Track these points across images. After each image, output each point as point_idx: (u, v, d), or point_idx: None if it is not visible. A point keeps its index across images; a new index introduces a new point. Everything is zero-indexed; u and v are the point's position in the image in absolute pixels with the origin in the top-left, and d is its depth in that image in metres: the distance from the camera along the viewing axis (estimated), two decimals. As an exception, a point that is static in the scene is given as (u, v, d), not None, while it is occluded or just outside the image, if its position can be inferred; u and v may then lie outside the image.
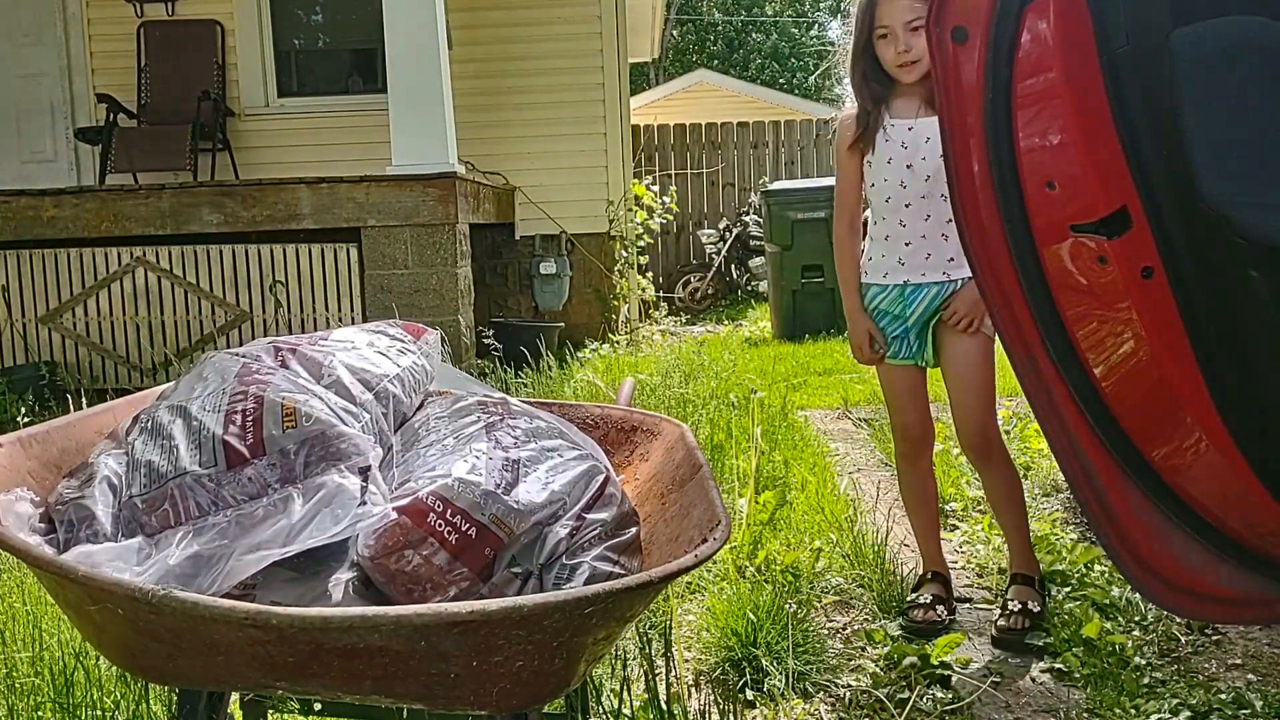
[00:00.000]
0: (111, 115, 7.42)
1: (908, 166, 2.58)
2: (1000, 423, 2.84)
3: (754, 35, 30.19)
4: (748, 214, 11.65)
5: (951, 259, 2.57)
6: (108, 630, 1.06)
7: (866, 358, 2.72)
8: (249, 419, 1.15)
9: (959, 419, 2.68)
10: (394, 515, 1.12)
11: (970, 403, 2.64)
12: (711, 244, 11.82)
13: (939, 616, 2.66)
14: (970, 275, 2.41)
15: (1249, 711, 2.21)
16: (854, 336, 2.74)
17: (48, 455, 1.35)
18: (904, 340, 2.67)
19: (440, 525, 1.13)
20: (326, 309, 6.16)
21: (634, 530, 1.28)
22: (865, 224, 2.80)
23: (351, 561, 1.15)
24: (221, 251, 6.18)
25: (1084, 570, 2.92)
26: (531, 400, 1.72)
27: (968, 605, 2.86)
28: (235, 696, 1.73)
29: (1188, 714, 2.19)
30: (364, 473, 1.10)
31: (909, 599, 2.73)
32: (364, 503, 1.07)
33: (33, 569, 1.09)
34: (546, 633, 0.95)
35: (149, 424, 1.22)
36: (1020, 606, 2.62)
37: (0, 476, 1.24)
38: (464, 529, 1.14)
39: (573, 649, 0.98)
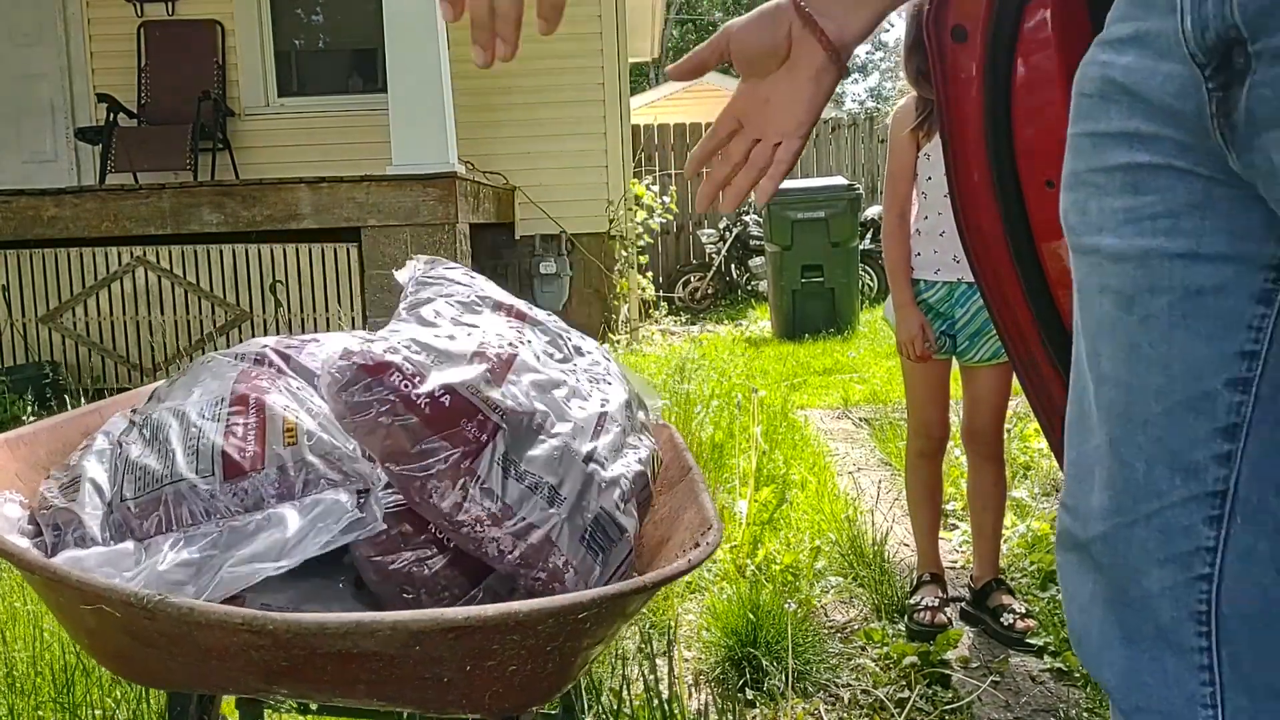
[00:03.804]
0: (111, 115, 7.42)
1: None
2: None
3: (754, 34, 30.17)
4: (748, 214, 11.64)
5: None
6: (100, 635, 1.06)
7: (917, 354, 2.64)
8: (250, 430, 1.14)
9: (984, 414, 2.67)
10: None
11: (998, 400, 2.65)
12: (711, 244, 11.82)
13: (947, 619, 2.66)
14: None
15: (1250, 711, 2.20)
16: (904, 332, 2.65)
17: (35, 457, 1.34)
18: (945, 338, 2.65)
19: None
20: (326, 309, 6.16)
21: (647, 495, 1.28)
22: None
23: (345, 562, 1.15)
24: (221, 251, 6.18)
25: (1084, 569, 2.92)
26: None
27: (966, 605, 2.86)
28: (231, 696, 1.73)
29: (1188, 714, 2.19)
30: (363, 495, 1.09)
31: (911, 602, 2.73)
32: (362, 517, 1.06)
33: (24, 573, 1.09)
34: (540, 637, 0.94)
35: (144, 426, 1.21)
36: (1023, 609, 2.63)
37: (-11, 478, 1.23)
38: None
39: (566, 653, 0.98)
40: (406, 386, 1.10)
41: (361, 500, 1.08)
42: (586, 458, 1.16)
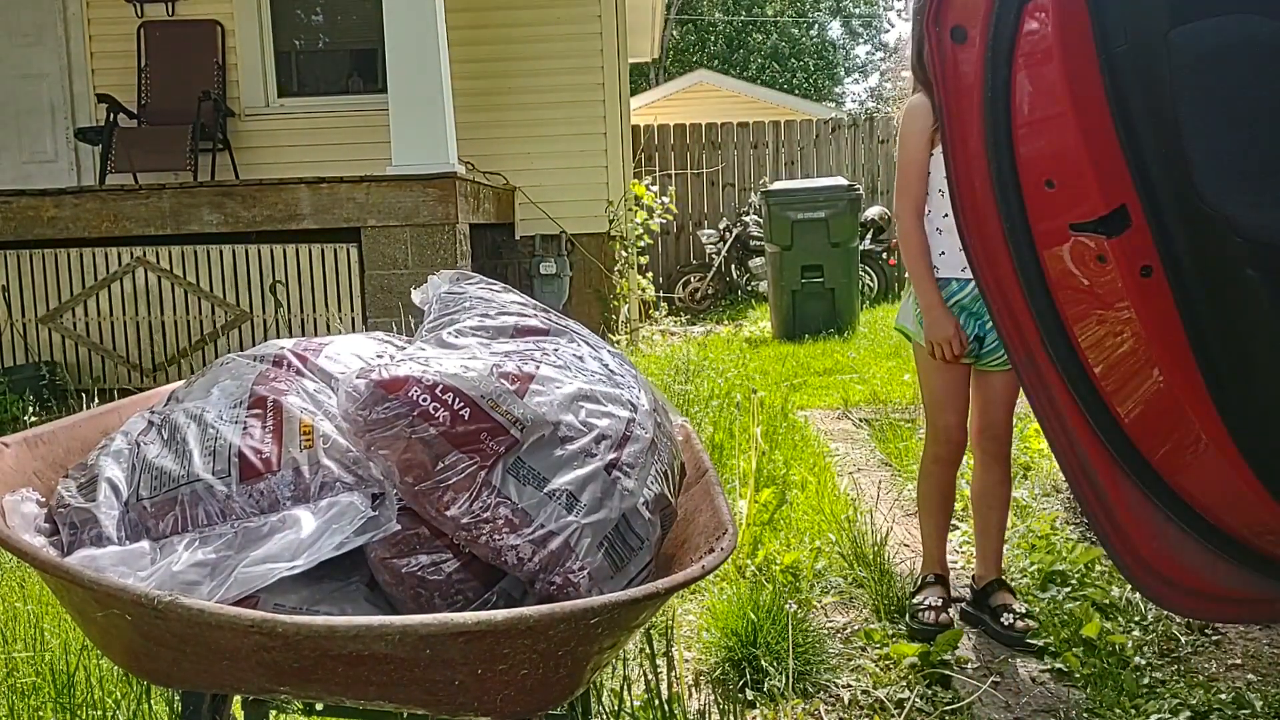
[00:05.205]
0: (111, 115, 7.42)
1: None
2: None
3: (754, 35, 30.19)
4: (748, 214, 11.64)
5: None
6: (112, 633, 1.07)
7: (954, 356, 2.54)
8: (267, 432, 1.14)
9: (997, 413, 2.64)
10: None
11: (1012, 399, 2.63)
12: (711, 244, 11.81)
13: (950, 619, 2.67)
14: None
15: (1249, 711, 2.21)
16: (938, 333, 2.54)
17: (54, 455, 1.35)
18: (973, 343, 2.58)
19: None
20: (326, 309, 6.16)
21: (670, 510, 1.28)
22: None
23: (360, 563, 1.15)
24: (221, 251, 6.18)
25: (1084, 570, 2.93)
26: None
27: (966, 605, 2.86)
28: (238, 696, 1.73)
29: (1188, 714, 2.20)
30: (378, 497, 1.09)
31: (914, 601, 2.74)
32: (376, 518, 1.07)
33: (39, 572, 1.09)
34: (552, 642, 0.95)
35: (163, 426, 1.22)
36: (1024, 609, 2.64)
37: (7, 477, 1.24)
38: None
39: (578, 657, 0.98)
40: (425, 401, 1.10)
41: (376, 502, 1.08)
42: (609, 466, 1.16)
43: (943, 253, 2.59)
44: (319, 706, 1.63)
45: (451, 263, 6.06)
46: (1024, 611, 2.63)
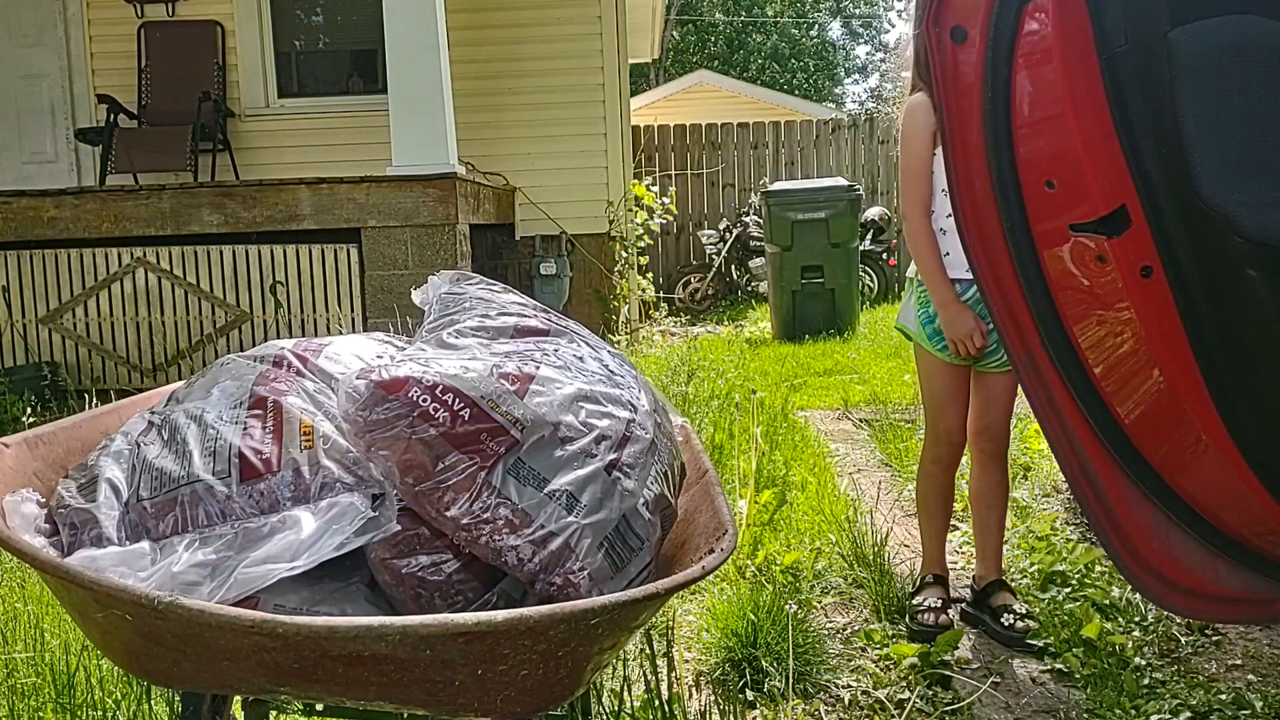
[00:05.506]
0: (112, 116, 7.43)
1: None
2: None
3: (754, 36, 30.19)
4: (748, 214, 11.64)
5: None
6: (112, 634, 1.07)
7: (978, 350, 2.52)
8: (268, 433, 1.14)
9: (996, 417, 2.65)
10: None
11: (1011, 399, 2.63)
12: (711, 244, 11.81)
13: (950, 620, 2.67)
14: None
15: (1249, 712, 2.21)
16: (958, 329, 2.51)
17: (54, 456, 1.35)
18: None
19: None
20: (326, 309, 6.16)
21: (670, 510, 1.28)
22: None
23: (359, 563, 1.15)
24: (221, 252, 6.18)
25: (1084, 570, 2.93)
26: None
27: (966, 605, 2.86)
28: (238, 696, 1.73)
29: (1188, 714, 2.20)
30: (378, 498, 1.09)
31: (914, 602, 2.74)
32: (376, 518, 1.06)
33: (38, 572, 1.09)
34: (552, 642, 0.95)
35: (163, 427, 1.22)
36: (1024, 610, 2.64)
37: (7, 477, 1.24)
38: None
39: (578, 658, 0.98)
40: (425, 402, 1.10)
41: (376, 503, 1.08)
42: (609, 466, 1.16)
43: (948, 253, 2.57)
44: (319, 706, 1.63)
45: (451, 263, 6.06)
46: (1024, 612, 2.63)
